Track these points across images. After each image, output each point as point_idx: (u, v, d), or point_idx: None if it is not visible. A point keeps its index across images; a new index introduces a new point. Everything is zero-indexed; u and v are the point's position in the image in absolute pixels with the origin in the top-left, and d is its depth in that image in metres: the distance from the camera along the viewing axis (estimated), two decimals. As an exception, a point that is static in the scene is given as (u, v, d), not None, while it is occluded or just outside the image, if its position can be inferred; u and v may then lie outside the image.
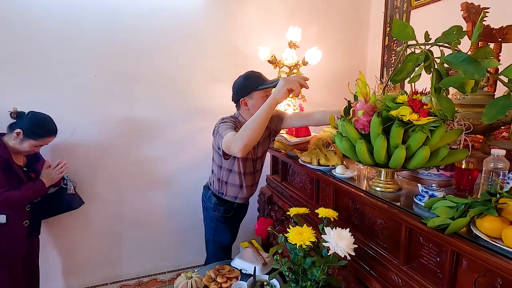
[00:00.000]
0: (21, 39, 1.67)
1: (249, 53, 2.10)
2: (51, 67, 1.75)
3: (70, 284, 2.02)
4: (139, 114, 1.97)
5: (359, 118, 1.01)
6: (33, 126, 1.44)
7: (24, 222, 1.51)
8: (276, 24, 2.14)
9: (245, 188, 1.61)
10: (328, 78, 2.36)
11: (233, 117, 1.51)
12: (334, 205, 1.34)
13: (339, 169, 1.29)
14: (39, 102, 1.71)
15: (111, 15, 1.81)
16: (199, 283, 1.47)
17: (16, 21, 1.65)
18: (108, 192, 1.99)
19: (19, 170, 1.47)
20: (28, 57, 1.70)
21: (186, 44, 1.99)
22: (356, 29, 2.40)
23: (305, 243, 0.96)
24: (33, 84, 1.73)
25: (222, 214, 1.65)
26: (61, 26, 1.73)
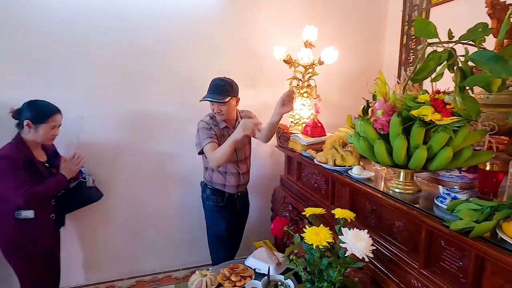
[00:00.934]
0: (37, 39, 1.73)
1: (263, 53, 2.10)
2: (68, 67, 1.80)
3: (89, 278, 2.08)
4: (153, 112, 2.01)
5: (378, 117, 0.99)
6: (35, 111, 1.46)
7: (51, 216, 1.57)
8: (291, 24, 2.13)
9: (231, 175, 1.75)
10: (344, 77, 2.34)
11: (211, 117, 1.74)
12: (350, 206, 1.33)
13: (356, 169, 1.27)
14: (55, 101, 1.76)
15: (126, 16, 1.85)
16: (214, 281, 1.48)
17: (32, 23, 1.70)
18: (124, 189, 2.04)
19: (41, 166, 1.52)
20: (45, 57, 1.76)
21: (199, 44, 2.01)
22: (373, 28, 2.36)
23: (322, 244, 0.95)
24: (49, 83, 1.78)
25: (215, 203, 1.78)
26: (78, 27, 1.78)
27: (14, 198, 1.41)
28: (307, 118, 1.87)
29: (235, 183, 1.78)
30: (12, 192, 1.40)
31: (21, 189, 1.39)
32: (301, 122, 1.88)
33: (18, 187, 1.39)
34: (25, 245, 1.49)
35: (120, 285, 2.14)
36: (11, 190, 1.40)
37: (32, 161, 1.48)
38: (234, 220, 1.87)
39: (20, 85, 1.71)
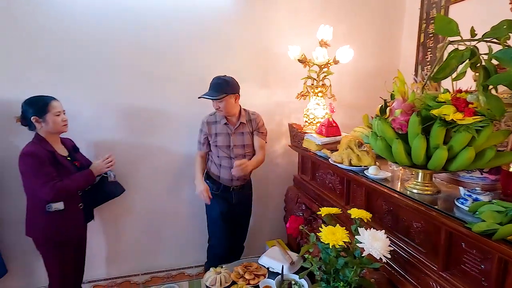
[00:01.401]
0: (57, 41, 1.78)
1: (278, 53, 2.10)
2: (86, 67, 1.85)
3: (106, 272, 2.14)
4: (168, 111, 2.04)
5: (396, 117, 0.98)
6: (35, 106, 1.50)
7: (79, 205, 1.62)
8: (305, 23, 2.12)
9: (224, 169, 1.85)
10: (358, 77, 2.31)
11: (211, 115, 1.88)
12: (366, 207, 1.31)
13: (372, 169, 1.25)
14: (75, 100, 1.83)
15: (141, 17, 1.88)
16: (228, 279, 1.50)
17: (52, 25, 1.76)
18: (140, 187, 2.08)
19: (64, 160, 1.58)
20: (63, 58, 1.81)
21: (213, 45, 2.03)
22: (390, 27, 2.33)
23: (339, 243, 0.94)
24: (68, 83, 1.83)
25: (212, 191, 1.86)
26: (95, 29, 1.82)
27: (42, 195, 1.46)
28: (321, 118, 1.86)
29: (228, 177, 1.86)
30: (40, 188, 1.45)
31: (48, 185, 1.44)
32: (316, 121, 1.87)
33: (46, 183, 1.44)
34: (56, 236, 1.55)
35: (136, 280, 2.19)
36: (39, 187, 1.45)
37: (55, 155, 1.53)
38: (228, 211, 1.92)
39: (40, 85, 1.77)
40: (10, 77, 1.75)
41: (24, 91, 1.62)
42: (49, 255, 1.58)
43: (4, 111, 1.73)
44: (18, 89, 1.72)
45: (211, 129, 1.84)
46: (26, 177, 1.49)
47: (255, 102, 2.16)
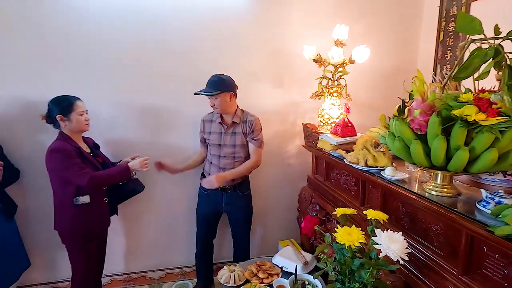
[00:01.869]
0: (81, 43, 1.85)
1: (293, 53, 2.10)
2: (109, 68, 1.91)
3: (127, 268, 2.20)
4: (186, 112, 2.07)
5: (415, 117, 0.97)
6: (60, 105, 1.58)
7: (104, 199, 1.69)
8: (321, 23, 2.11)
9: (213, 167, 1.89)
10: (375, 76, 2.28)
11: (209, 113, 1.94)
12: (382, 208, 1.30)
13: (389, 170, 1.24)
14: (95, 99, 1.88)
15: (159, 19, 1.92)
16: (241, 277, 1.51)
17: (76, 28, 1.83)
18: (156, 185, 2.12)
19: (89, 156, 1.66)
20: (84, 58, 1.87)
21: (228, 45, 2.04)
22: (407, 25, 2.28)
23: (355, 244, 0.94)
24: (90, 83, 1.90)
25: (202, 190, 1.95)
26: (116, 32, 1.88)
27: (79, 181, 1.52)
28: (336, 118, 1.84)
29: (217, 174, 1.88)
30: (75, 177, 1.52)
31: (83, 172, 1.53)
32: (330, 121, 1.86)
33: (80, 171, 1.52)
34: (82, 228, 1.62)
35: (151, 276, 2.24)
36: (74, 176, 1.52)
37: (81, 150, 1.61)
38: (214, 212, 1.99)
39: (61, 85, 1.84)
40: (37, 78, 1.82)
41: (49, 91, 1.69)
42: (74, 248, 1.65)
43: (31, 111, 1.82)
44: (43, 89, 1.80)
45: (206, 127, 1.89)
46: (55, 172, 1.57)
47: (269, 102, 2.17)
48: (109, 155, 1.90)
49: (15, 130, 1.84)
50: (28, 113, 1.83)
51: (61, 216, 1.62)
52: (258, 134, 1.85)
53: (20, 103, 1.83)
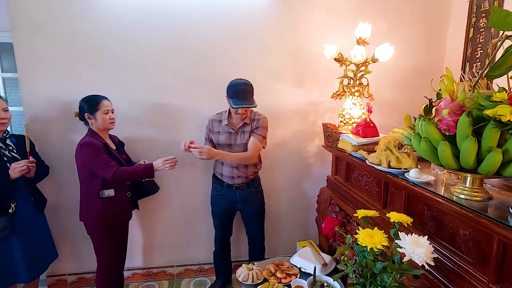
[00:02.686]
0: (107, 46, 1.93)
1: (314, 52, 2.08)
2: (133, 68, 1.98)
3: (148, 262, 2.27)
4: (205, 111, 2.09)
5: (444, 117, 0.93)
6: (88, 104, 1.69)
7: (127, 193, 1.78)
8: (343, 21, 2.08)
9: (226, 166, 1.89)
10: (398, 75, 2.21)
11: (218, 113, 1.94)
12: (405, 211, 1.26)
13: (414, 172, 1.20)
14: (123, 99, 1.97)
15: (181, 20, 1.97)
16: (259, 276, 1.52)
17: (102, 32, 1.91)
18: (175, 183, 2.17)
19: (114, 152, 1.74)
20: (115, 60, 1.96)
21: (249, 45, 2.06)
22: (434, 22, 2.19)
23: (377, 247, 0.92)
24: (118, 83, 1.98)
25: (214, 191, 1.99)
26: (141, 33, 1.95)
27: (105, 173, 1.62)
28: (357, 118, 1.81)
29: (230, 175, 1.89)
30: (102, 169, 1.61)
31: (110, 165, 1.62)
32: (351, 122, 1.82)
33: (107, 164, 1.62)
34: (106, 220, 1.71)
35: (170, 271, 2.30)
36: (101, 169, 1.61)
37: (108, 146, 1.71)
38: (231, 212, 2.02)
39: (90, 85, 1.93)
40: (67, 79, 1.93)
41: (78, 91, 1.79)
42: (98, 238, 1.75)
43: (62, 110, 1.93)
44: (73, 89, 1.91)
45: (214, 127, 1.89)
46: (83, 166, 1.66)
47: (289, 101, 2.16)
48: (129, 153, 1.96)
49: (48, 128, 1.95)
50: (59, 112, 1.94)
51: (87, 208, 1.72)
52: (262, 131, 1.87)
53: (53, 103, 1.94)
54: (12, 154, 1.65)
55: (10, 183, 1.60)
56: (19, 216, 1.66)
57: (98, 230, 1.73)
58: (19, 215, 1.66)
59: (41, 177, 1.82)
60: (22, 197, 1.69)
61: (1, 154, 1.61)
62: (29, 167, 1.63)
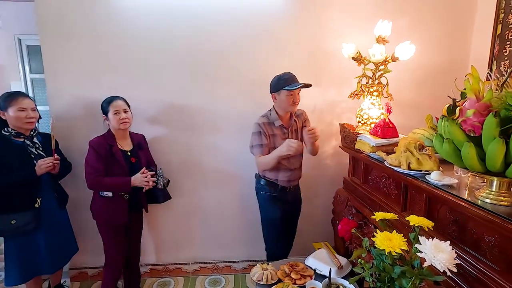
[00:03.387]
0: (130, 47, 1.99)
1: (331, 51, 2.05)
2: (152, 69, 2.03)
3: (165, 259, 2.33)
4: (222, 112, 2.12)
5: (468, 118, 0.89)
6: (102, 106, 1.79)
7: (124, 196, 1.80)
8: (361, 19, 2.03)
9: (283, 172, 1.82)
10: (419, 74, 2.14)
11: (264, 116, 1.83)
12: (426, 214, 1.21)
13: (435, 175, 1.15)
14: (142, 99, 2.02)
15: (198, 22, 1.99)
16: (274, 276, 1.52)
17: (124, 36, 1.97)
18: (194, 184, 2.21)
19: (119, 154, 1.76)
20: (134, 62, 2.01)
21: (265, 45, 2.05)
22: (458, 18, 2.10)
23: (395, 250, 0.89)
24: (137, 83, 2.03)
25: (269, 193, 1.87)
26: (160, 35, 1.99)
27: (86, 179, 1.73)
28: (376, 118, 1.76)
29: (287, 178, 1.84)
30: (87, 174, 1.72)
31: (91, 176, 1.71)
32: (369, 122, 1.78)
33: (90, 173, 1.71)
34: (104, 218, 1.80)
35: (186, 268, 2.33)
36: (87, 172, 1.72)
37: (112, 149, 1.75)
38: (287, 211, 1.92)
39: (112, 86, 2.00)
40: (91, 80, 2.01)
41: (101, 91, 1.86)
42: (101, 233, 1.84)
43: (84, 110, 2.01)
44: (96, 90, 1.99)
45: (269, 130, 1.79)
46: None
47: (305, 101, 2.13)
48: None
49: (71, 127, 2.03)
50: (82, 112, 2.02)
51: (92, 204, 1.84)
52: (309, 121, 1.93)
53: (77, 102, 2.02)
54: (39, 151, 1.73)
55: (36, 179, 1.68)
56: (43, 211, 1.74)
57: (100, 226, 1.83)
58: (43, 210, 1.74)
59: (64, 174, 1.90)
60: (47, 193, 1.77)
61: (28, 151, 1.69)
62: (54, 164, 1.71)
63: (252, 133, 1.81)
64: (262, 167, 1.82)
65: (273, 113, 1.81)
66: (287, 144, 1.65)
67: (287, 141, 1.67)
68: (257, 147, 1.79)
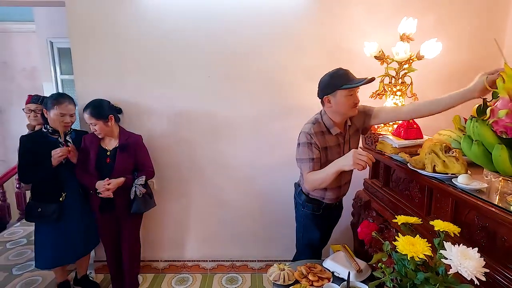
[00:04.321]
0: (152, 49, 2.06)
1: (353, 50, 2.01)
2: (173, 70, 2.09)
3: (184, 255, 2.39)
4: (241, 111, 2.14)
5: (500, 118, 0.84)
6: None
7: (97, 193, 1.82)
8: (384, 17, 1.98)
9: (330, 190, 1.59)
10: (446, 73, 2.06)
11: (314, 123, 1.51)
12: (452, 220, 1.16)
13: (463, 178, 1.10)
14: (163, 99, 2.09)
15: (219, 23, 2.03)
16: (291, 276, 1.50)
17: (149, 36, 2.04)
18: (214, 181, 2.24)
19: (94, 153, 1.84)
20: (157, 62, 2.08)
21: (286, 44, 2.05)
22: (490, 14, 2.00)
23: (418, 256, 0.86)
24: (160, 83, 2.10)
25: (311, 211, 1.65)
26: (181, 37, 2.04)
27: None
28: (399, 119, 1.71)
29: (335, 196, 1.61)
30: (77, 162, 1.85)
31: (80, 164, 1.85)
32: (392, 122, 1.72)
33: (80, 164, 1.85)
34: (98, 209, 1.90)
35: (204, 265, 2.37)
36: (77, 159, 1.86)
37: (94, 146, 1.86)
38: (329, 229, 1.79)
39: (136, 85, 2.08)
40: (118, 80, 2.10)
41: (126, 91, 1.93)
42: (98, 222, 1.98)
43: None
44: (122, 90, 2.07)
45: (321, 142, 1.48)
46: None
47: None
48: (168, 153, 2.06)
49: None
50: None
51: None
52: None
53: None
54: None
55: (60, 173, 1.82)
56: (67, 204, 1.86)
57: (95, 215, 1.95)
58: (67, 203, 1.86)
59: None
60: (72, 189, 1.89)
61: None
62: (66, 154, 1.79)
63: (300, 144, 1.50)
64: (313, 186, 1.50)
65: (326, 118, 1.51)
66: (354, 156, 1.28)
67: (353, 152, 1.30)
68: (306, 161, 1.47)
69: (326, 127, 1.50)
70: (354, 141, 1.60)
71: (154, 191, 2.18)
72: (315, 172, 1.46)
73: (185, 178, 2.23)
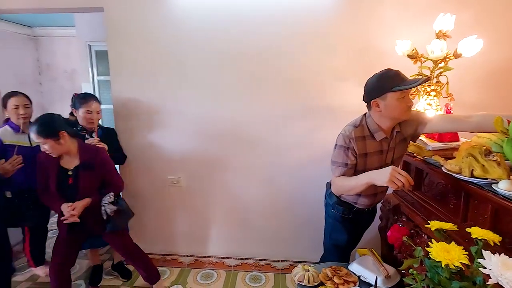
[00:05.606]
0: (182, 51, 2.12)
1: (383, 48, 1.95)
2: (202, 70, 2.14)
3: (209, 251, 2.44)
4: (266, 111, 2.15)
5: (550, 121, 0.78)
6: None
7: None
8: (417, 14, 1.90)
9: (365, 197, 1.52)
10: (486, 72, 1.93)
11: (357, 126, 1.42)
12: (491, 227, 1.09)
13: (505, 184, 1.03)
14: (191, 99, 2.15)
15: (246, 23, 2.04)
16: (316, 278, 1.49)
17: (178, 38, 2.10)
18: (239, 180, 2.27)
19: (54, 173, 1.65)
20: (186, 63, 2.14)
21: (313, 45, 2.02)
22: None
23: (454, 263, 0.82)
24: (188, 83, 2.16)
25: (341, 214, 1.60)
26: (209, 38, 2.08)
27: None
28: (433, 120, 1.63)
29: (369, 203, 1.55)
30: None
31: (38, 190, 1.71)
32: (426, 124, 1.65)
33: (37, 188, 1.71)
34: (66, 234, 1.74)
35: (228, 262, 2.41)
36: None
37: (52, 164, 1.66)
38: (359, 233, 1.73)
39: (166, 86, 2.16)
40: (150, 81, 2.19)
41: (157, 92, 2.01)
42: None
43: (142, 108, 2.20)
44: (153, 90, 2.17)
45: (361, 148, 1.39)
46: None
47: (353, 101, 2.05)
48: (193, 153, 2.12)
49: (132, 123, 2.24)
50: (140, 111, 2.21)
51: None
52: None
53: (135, 102, 2.22)
54: None
55: None
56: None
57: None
58: None
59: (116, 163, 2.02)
60: None
61: None
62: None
63: (337, 146, 1.43)
64: (339, 191, 1.47)
65: (371, 122, 1.40)
66: (391, 174, 1.20)
67: (392, 169, 1.21)
68: (339, 165, 1.40)
69: (370, 131, 1.40)
70: (399, 150, 1.47)
71: (181, 188, 2.26)
72: (345, 177, 1.39)
73: (210, 176, 2.28)
